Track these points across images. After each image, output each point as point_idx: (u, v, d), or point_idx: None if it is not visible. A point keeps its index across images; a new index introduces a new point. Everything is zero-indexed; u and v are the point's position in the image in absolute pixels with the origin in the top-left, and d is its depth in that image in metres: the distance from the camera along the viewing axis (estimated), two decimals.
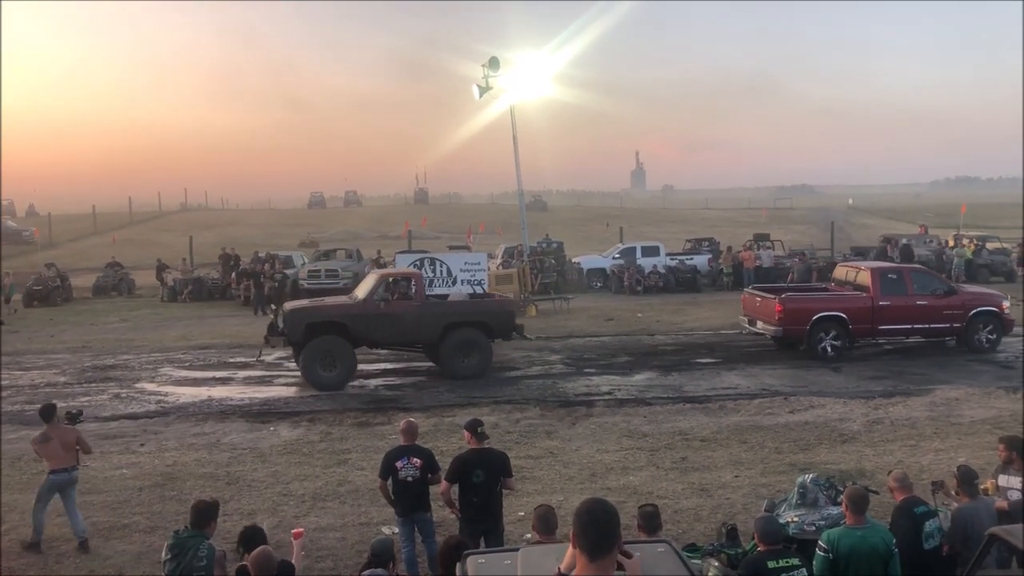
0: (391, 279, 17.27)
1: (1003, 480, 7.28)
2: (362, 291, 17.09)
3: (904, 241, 34.12)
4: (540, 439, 12.25)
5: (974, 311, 18.33)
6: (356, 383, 16.39)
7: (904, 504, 6.47)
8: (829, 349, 17.67)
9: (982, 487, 7.06)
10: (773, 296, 18.15)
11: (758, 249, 33.30)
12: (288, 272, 29.13)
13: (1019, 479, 7.11)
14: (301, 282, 29.60)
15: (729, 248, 33.62)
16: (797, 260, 30.14)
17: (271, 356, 18.45)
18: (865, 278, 18.28)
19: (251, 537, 6.16)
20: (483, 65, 24.16)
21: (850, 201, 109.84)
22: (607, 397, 14.78)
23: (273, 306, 18.69)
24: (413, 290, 16.77)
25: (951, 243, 33.67)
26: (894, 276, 18.75)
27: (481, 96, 24.62)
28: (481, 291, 19.92)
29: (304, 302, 18.21)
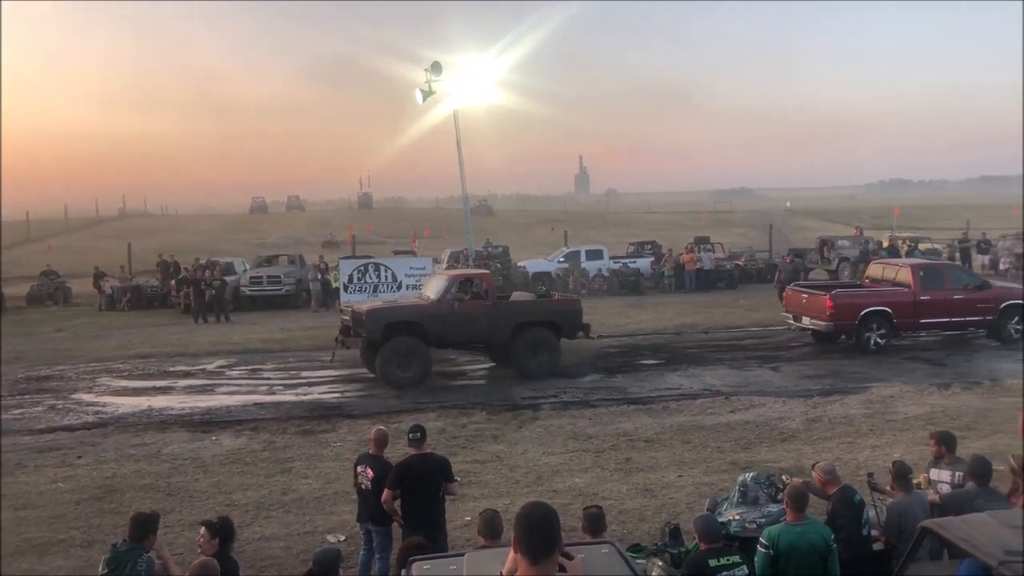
0: (463, 279, 17.38)
1: (935, 474, 7.51)
2: (433, 292, 17.16)
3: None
4: (487, 443, 12.27)
5: (1005, 303, 19.07)
6: (300, 390, 16.23)
7: (843, 495, 6.62)
8: (874, 343, 18.26)
9: (915, 481, 7.28)
10: (823, 292, 18.77)
11: (699, 252, 33.80)
12: (229, 279, 28.65)
13: (949, 473, 7.34)
14: (243, 289, 29.15)
15: (671, 251, 34.06)
16: (787, 260, 30.45)
17: (212, 364, 18.16)
18: (906, 275, 18.97)
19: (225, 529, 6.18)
20: (426, 69, 24.09)
21: (788, 204, 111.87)
22: (553, 400, 14.85)
23: (342, 307, 18.59)
24: (484, 290, 16.98)
25: (886, 244, 34.54)
26: (932, 272, 19.58)
27: (424, 100, 24.51)
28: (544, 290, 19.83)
29: (379, 302, 18.16)
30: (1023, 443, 8.06)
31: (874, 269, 20.96)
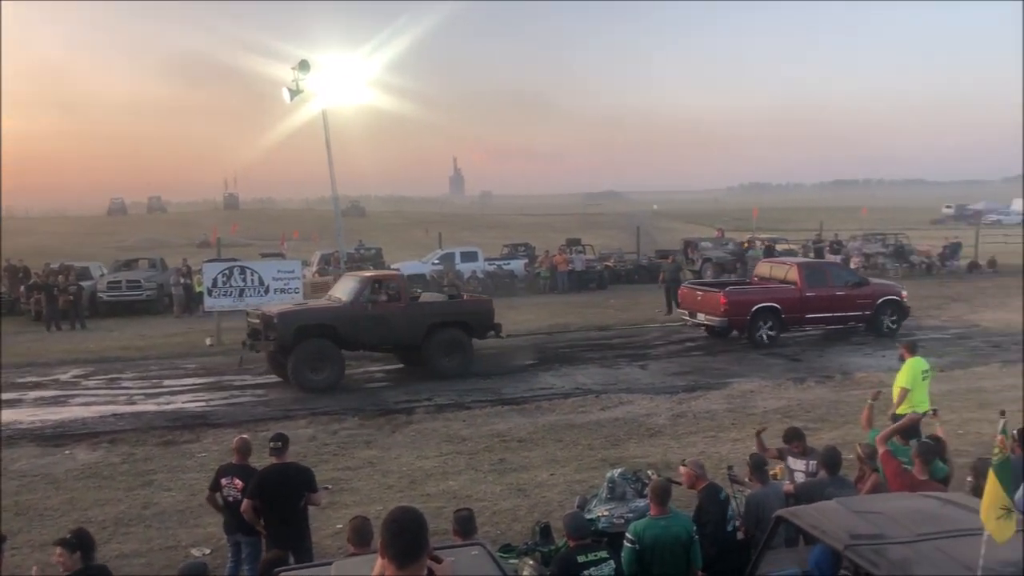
0: (376, 280, 17.16)
1: (791, 464, 7.89)
2: (344, 293, 16.87)
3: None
4: (359, 449, 12.10)
5: (881, 299, 20.33)
6: (162, 399, 15.58)
7: (709, 492, 6.85)
8: (766, 337, 19.18)
9: (772, 473, 7.63)
10: (717, 290, 19.65)
11: (571, 253, 34.40)
12: (85, 284, 27.18)
13: (804, 463, 7.73)
14: (100, 295, 27.72)
15: (546, 252, 34.53)
16: (669, 260, 30.75)
17: (67, 374, 17.18)
18: (793, 273, 20.08)
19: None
20: (293, 67, 23.56)
21: (654, 207, 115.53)
22: (427, 403, 14.77)
23: (249, 312, 17.87)
24: (398, 292, 16.87)
25: (746, 245, 36.09)
26: (816, 270, 20.92)
27: (292, 99, 23.97)
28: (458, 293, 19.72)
29: (289, 305, 17.61)
30: (870, 434, 8.61)
31: (762, 268, 22.16)
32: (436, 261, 33.13)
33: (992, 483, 4.25)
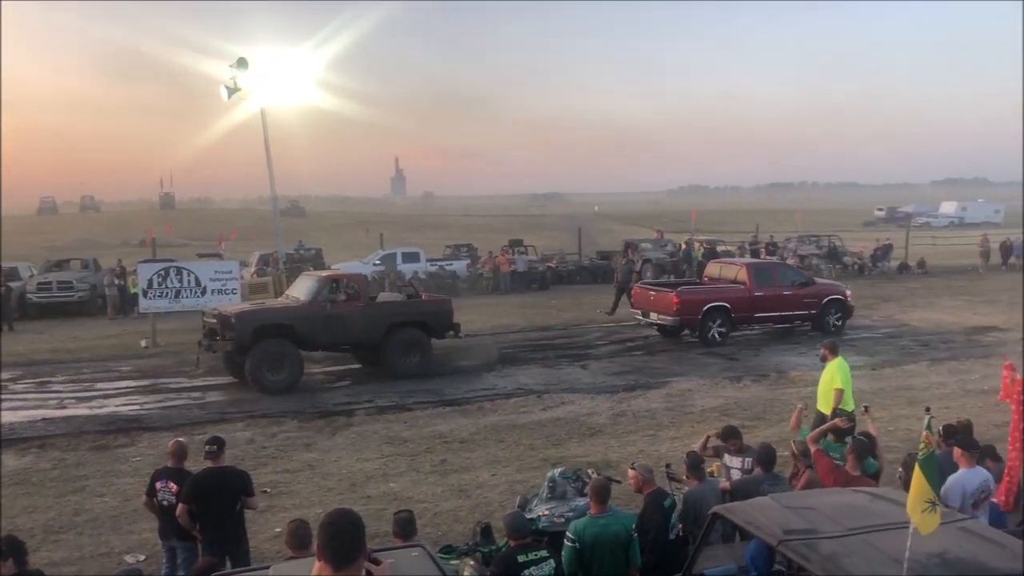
0: (335, 280, 17.03)
1: (727, 460, 8.04)
2: (303, 293, 16.76)
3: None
4: (298, 452, 11.96)
5: (826, 299, 20.93)
6: (94, 402, 15.20)
7: (655, 497, 6.81)
8: (717, 336, 19.59)
9: (709, 470, 7.75)
10: (670, 290, 20.06)
11: (513, 254, 34.50)
12: (13, 285, 26.35)
13: (740, 460, 7.88)
14: (30, 296, 26.90)
15: (489, 253, 34.54)
16: (623, 261, 30.71)
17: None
18: (742, 273, 20.50)
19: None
20: (231, 65, 23.18)
21: (596, 208, 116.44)
22: (368, 405, 14.67)
23: (204, 311, 17.64)
24: (357, 291, 16.81)
25: (683, 246, 36.60)
26: (764, 270, 21.37)
27: (229, 97, 23.57)
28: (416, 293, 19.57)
29: (246, 305, 17.45)
30: (801, 432, 8.81)
31: (712, 268, 22.62)
32: (377, 262, 32.93)
33: (918, 477, 4.39)
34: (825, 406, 10.57)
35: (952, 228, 69.22)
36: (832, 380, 10.58)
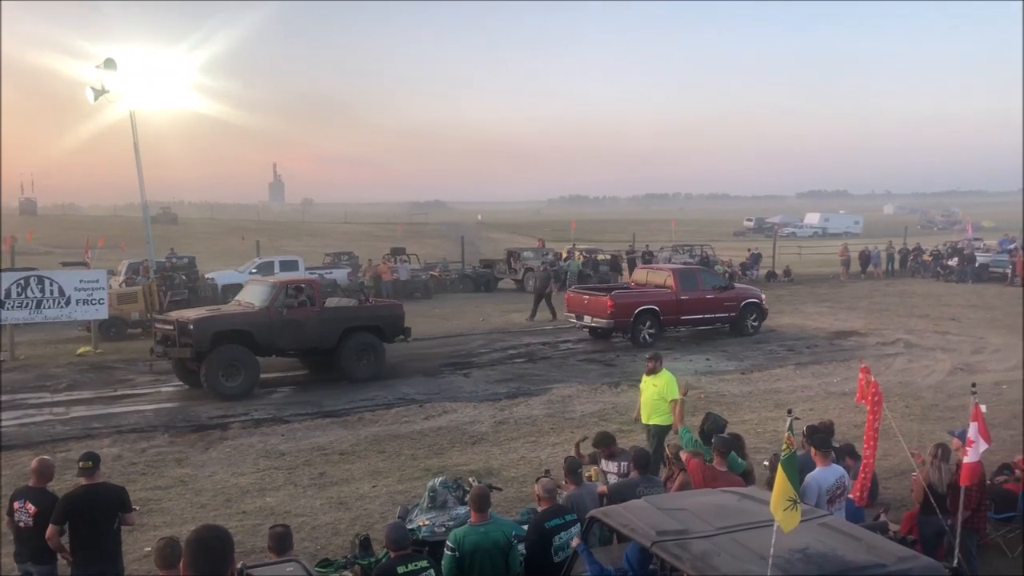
0: (290, 286, 16.96)
1: (604, 466, 8.21)
2: (257, 299, 16.73)
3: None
4: (169, 467, 11.53)
5: (744, 302, 22.26)
6: None
7: (539, 518, 6.62)
8: (647, 337, 20.59)
9: (587, 475, 7.90)
10: (603, 294, 21.09)
11: (396, 262, 34.24)
12: None
13: (616, 464, 8.06)
14: None
15: (370, 261, 34.14)
16: (541, 268, 30.47)
17: None
18: (669, 278, 21.67)
19: None
20: (98, 66, 22.19)
21: (479, 217, 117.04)
22: (243, 418, 14.26)
23: (158, 317, 17.52)
24: (311, 297, 16.89)
25: (564, 255, 37.18)
26: (689, 275, 22.49)
27: (96, 99, 22.57)
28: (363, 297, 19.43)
29: (203, 311, 17.22)
30: (681, 431, 9.09)
31: (639, 274, 23.76)
32: (254, 270, 32.04)
33: (780, 477, 4.61)
34: (659, 419, 10.43)
35: (816, 238, 72.97)
36: (668, 392, 10.37)
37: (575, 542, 5.98)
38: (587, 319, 21.19)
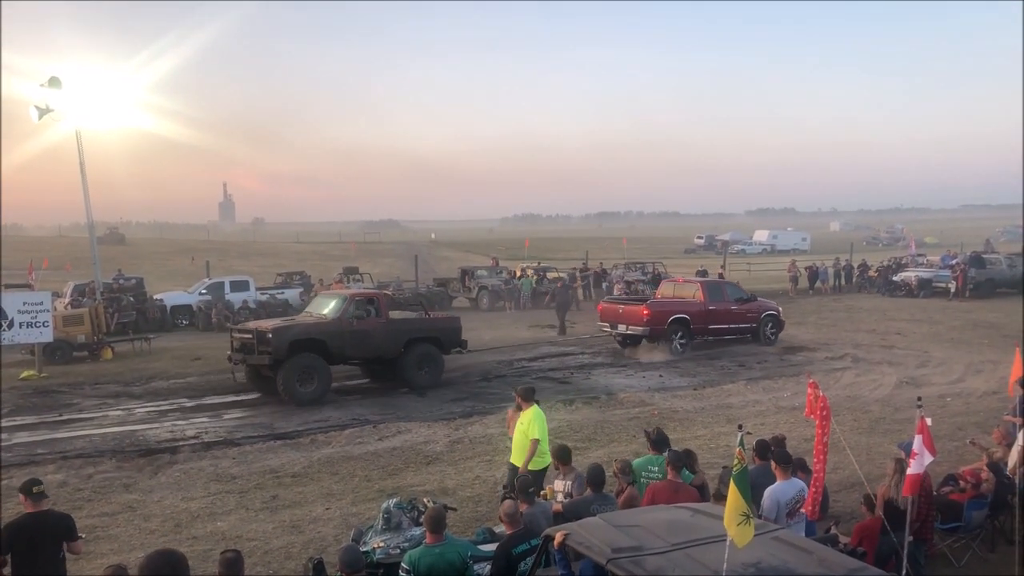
0: (359, 298, 18.11)
1: (558, 485, 8.22)
2: (328, 310, 17.70)
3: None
4: (117, 493, 11.27)
5: (764, 313, 23.75)
6: None
7: (505, 543, 6.54)
8: (679, 347, 21.94)
9: (541, 493, 7.91)
10: (639, 303, 22.77)
11: (348, 282, 34.00)
12: None
13: (569, 483, 8.07)
14: None
15: (321, 281, 33.86)
16: (559, 285, 31.03)
17: None
18: (697, 290, 23.13)
19: None
20: (42, 84, 21.81)
21: (432, 235, 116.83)
22: (193, 441, 14.01)
23: (235, 327, 18.69)
24: (379, 308, 17.94)
25: (518, 273, 37.27)
26: (715, 287, 24.02)
27: (40, 118, 22.16)
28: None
29: (278, 321, 18.23)
30: (635, 463, 9.12)
31: (665, 288, 24.90)
32: (203, 291, 31.60)
33: (732, 492, 4.67)
34: (518, 459, 9.25)
35: (764, 255, 74.11)
36: (529, 431, 9.27)
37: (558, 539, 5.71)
38: (621, 327, 22.41)
